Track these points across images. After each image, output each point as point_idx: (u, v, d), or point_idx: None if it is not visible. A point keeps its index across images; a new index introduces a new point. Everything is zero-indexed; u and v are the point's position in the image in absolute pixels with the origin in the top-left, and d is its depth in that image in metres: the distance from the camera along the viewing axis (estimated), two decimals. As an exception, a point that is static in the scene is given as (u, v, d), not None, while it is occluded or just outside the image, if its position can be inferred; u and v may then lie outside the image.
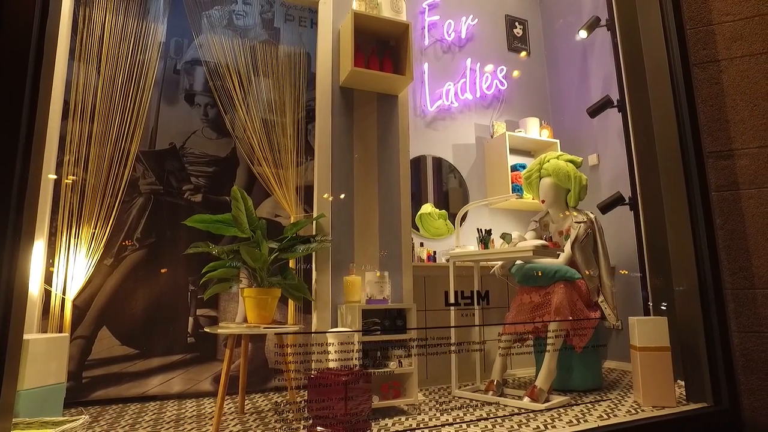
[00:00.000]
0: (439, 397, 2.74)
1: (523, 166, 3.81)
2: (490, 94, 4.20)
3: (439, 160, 3.92)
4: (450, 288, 2.92)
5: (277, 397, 2.75)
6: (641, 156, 3.16)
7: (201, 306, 2.89)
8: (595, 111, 3.60)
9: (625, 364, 3.43)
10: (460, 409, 2.48)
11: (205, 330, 2.36)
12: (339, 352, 1.91)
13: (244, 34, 3.19)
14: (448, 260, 2.99)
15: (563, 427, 2.11)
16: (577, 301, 2.77)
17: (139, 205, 2.85)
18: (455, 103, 4.03)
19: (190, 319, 2.87)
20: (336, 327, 2.63)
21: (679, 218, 2.12)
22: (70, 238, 2.60)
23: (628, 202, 3.35)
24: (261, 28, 3.26)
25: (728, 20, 2.08)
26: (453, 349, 2.67)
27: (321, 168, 2.83)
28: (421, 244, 3.58)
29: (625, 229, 3.41)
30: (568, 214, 3.09)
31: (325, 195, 2.78)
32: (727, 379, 1.95)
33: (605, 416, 2.26)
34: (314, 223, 2.75)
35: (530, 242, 2.89)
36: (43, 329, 2.48)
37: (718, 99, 2.07)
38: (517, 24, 4.49)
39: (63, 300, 2.55)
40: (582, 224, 2.97)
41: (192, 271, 2.83)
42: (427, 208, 3.67)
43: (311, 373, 1.88)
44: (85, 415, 2.33)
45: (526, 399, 2.52)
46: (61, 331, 2.50)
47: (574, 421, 2.20)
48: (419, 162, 3.83)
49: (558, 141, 4.09)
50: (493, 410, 2.46)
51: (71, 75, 2.73)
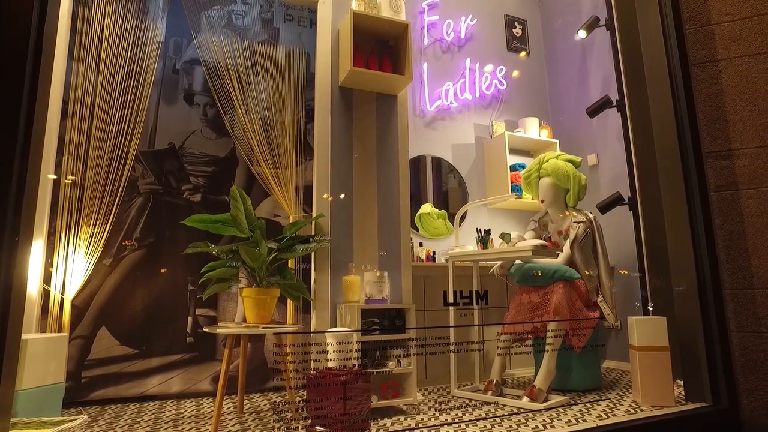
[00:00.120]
0: (438, 397, 2.74)
1: (523, 166, 3.80)
2: (489, 94, 4.20)
3: (438, 160, 3.92)
4: (449, 288, 2.92)
5: (276, 397, 2.75)
6: (640, 156, 3.16)
7: (200, 306, 2.89)
8: (595, 111, 3.60)
9: (624, 364, 3.44)
10: (459, 409, 2.48)
11: (204, 330, 2.36)
12: (338, 352, 1.91)
13: (243, 34, 3.19)
14: (447, 260, 2.99)
15: (562, 427, 2.11)
16: (576, 301, 2.77)
17: (138, 205, 2.85)
18: (454, 103, 4.03)
19: (189, 319, 2.86)
20: (335, 327, 2.63)
21: (679, 218, 2.13)
22: (69, 238, 2.60)
23: (627, 202, 3.35)
24: (260, 27, 3.26)
25: (727, 20, 2.08)
26: (452, 349, 2.67)
27: (320, 168, 2.83)
28: (421, 244, 3.58)
29: (625, 229, 3.42)
30: (568, 214, 3.09)
31: (325, 195, 2.78)
32: (726, 379, 1.95)
33: (604, 416, 2.26)
34: (313, 223, 2.75)
35: (529, 242, 2.89)
36: (42, 329, 2.48)
37: (717, 99, 2.07)
38: (517, 24, 4.49)
39: (62, 300, 2.54)
40: (581, 224, 2.97)
41: (191, 270, 2.83)
42: (427, 208, 3.67)
43: (310, 372, 1.88)
44: (84, 415, 2.32)
45: (525, 399, 2.52)
46: (59, 331, 2.49)
47: (573, 421, 2.21)
48: (418, 162, 3.83)
49: (557, 141, 4.09)
50: (492, 410, 2.46)
51: (70, 75, 2.73)
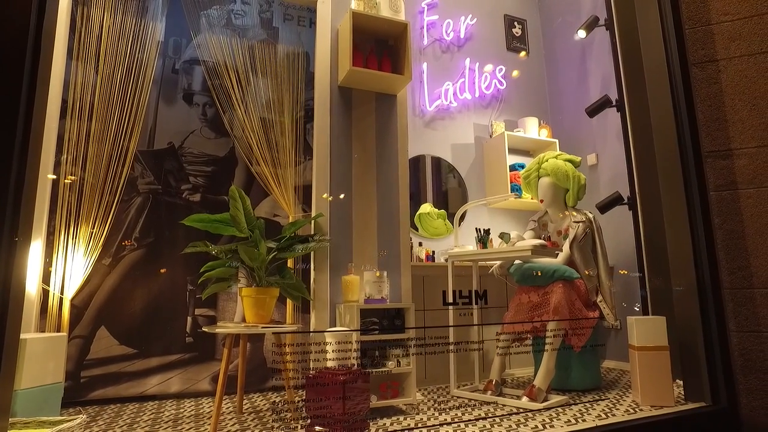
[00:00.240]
0: (438, 397, 2.73)
1: (522, 166, 3.80)
2: (489, 93, 4.20)
3: (438, 160, 3.92)
4: (448, 287, 2.92)
5: (276, 397, 2.75)
6: (640, 156, 3.17)
7: (199, 305, 2.88)
8: (594, 110, 3.60)
9: (624, 364, 3.44)
10: (458, 409, 2.48)
11: (203, 329, 2.36)
12: (337, 352, 1.91)
13: (242, 34, 3.18)
14: (446, 260, 2.99)
15: (561, 427, 2.11)
16: (575, 301, 2.77)
17: (138, 205, 2.85)
18: (454, 103, 4.03)
19: (189, 319, 2.86)
20: (334, 326, 2.63)
21: (678, 218, 2.12)
22: (68, 238, 2.60)
23: (626, 201, 3.35)
24: (259, 27, 3.25)
25: (727, 20, 2.08)
26: (451, 348, 2.67)
27: (319, 167, 2.83)
28: (420, 244, 3.58)
29: (624, 229, 3.42)
30: (567, 214, 3.09)
31: (324, 195, 2.78)
32: (725, 379, 1.94)
33: (603, 416, 2.26)
34: (312, 222, 2.75)
35: (529, 242, 2.89)
36: (41, 329, 2.48)
37: (717, 99, 2.07)
38: (516, 24, 4.49)
39: (61, 299, 2.54)
40: (581, 224, 2.97)
41: (190, 270, 2.83)
42: (426, 208, 3.67)
43: (309, 372, 1.88)
44: (83, 415, 2.32)
45: (525, 398, 2.52)
46: (59, 331, 2.49)
47: (573, 421, 2.21)
48: (418, 162, 3.83)
49: (557, 140, 4.09)
50: (492, 410, 2.46)
51: (69, 73, 2.73)
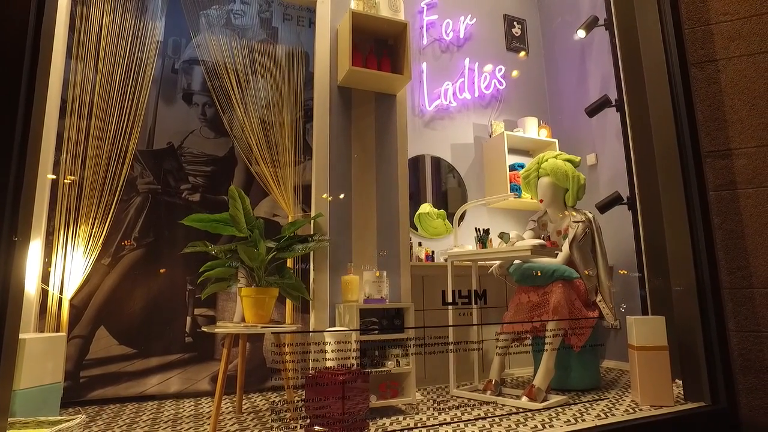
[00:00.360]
0: (437, 397, 2.73)
1: (522, 166, 3.80)
2: (488, 93, 4.20)
3: (437, 160, 3.92)
4: (448, 287, 2.92)
5: (275, 397, 2.75)
6: (639, 155, 3.17)
7: (199, 305, 2.88)
8: (594, 110, 3.60)
9: (623, 364, 3.44)
10: (458, 409, 2.48)
11: (202, 329, 2.36)
12: (337, 352, 1.91)
13: (242, 34, 3.18)
14: (446, 260, 2.99)
15: (561, 427, 2.11)
16: (575, 301, 2.77)
17: (137, 205, 2.85)
18: (453, 103, 4.03)
19: (188, 319, 2.86)
20: (334, 326, 2.62)
21: (677, 218, 2.12)
22: (67, 237, 2.60)
23: (626, 201, 3.36)
24: (259, 27, 3.25)
25: (726, 20, 2.08)
26: (451, 348, 2.67)
27: (319, 167, 2.83)
28: (420, 244, 3.58)
29: (624, 229, 3.42)
30: (567, 214, 3.09)
31: (324, 195, 2.78)
32: (724, 379, 1.95)
33: (603, 415, 2.26)
34: (312, 222, 2.75)
35: (528, 242, 2.89)
36: (41, 329, 2.47)
37: (716, 98, 2.07)
38: (516, 23, 4.49)
39: (60, 299, 2.54)
40: (580, 224, 2.97)
41: (190, 270, 2.83)
42: (426, 208, 3.67)
43: (309, 372, 1.88)
44: (82, 415, 2.32)
45: (524, 398, 2.52)
46: (58, 331, 2.49)
47: (572, 421, 2.21)
48: (418, 161, 3.83)
49: (556, 140, 4.09)
50: (491, 410, 2.46)
51: (68, 72, 2.73)
